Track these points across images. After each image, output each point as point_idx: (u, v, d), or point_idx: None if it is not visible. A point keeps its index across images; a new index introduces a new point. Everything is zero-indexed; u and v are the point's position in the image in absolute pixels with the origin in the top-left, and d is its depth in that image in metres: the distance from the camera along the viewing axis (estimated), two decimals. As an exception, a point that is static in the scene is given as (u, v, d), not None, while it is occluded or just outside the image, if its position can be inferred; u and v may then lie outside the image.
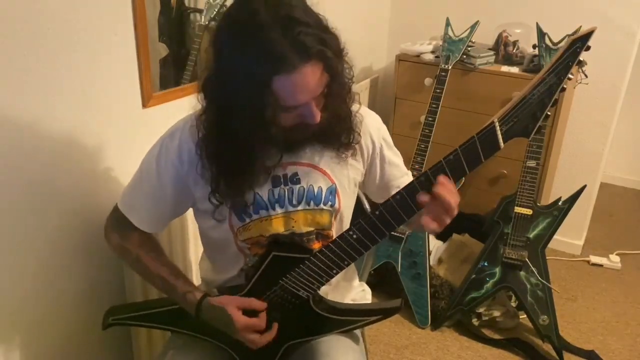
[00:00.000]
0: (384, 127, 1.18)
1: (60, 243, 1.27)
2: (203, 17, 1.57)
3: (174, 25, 1.50)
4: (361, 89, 2.57)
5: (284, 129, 0.94)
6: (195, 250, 1.53)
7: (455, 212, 0.93)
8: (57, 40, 1.14)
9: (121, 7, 1.28)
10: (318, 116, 0.93)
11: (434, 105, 2.13)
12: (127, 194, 1.12)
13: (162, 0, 1.41)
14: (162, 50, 1.46)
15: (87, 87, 1.24)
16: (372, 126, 1.14)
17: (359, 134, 1.07)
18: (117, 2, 1.27)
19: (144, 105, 1.41)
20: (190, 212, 1.18)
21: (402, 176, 1.20)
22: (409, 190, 0.93)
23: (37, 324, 1.26)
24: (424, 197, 0.90)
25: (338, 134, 1.03)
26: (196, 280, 1.33)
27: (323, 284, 1.06)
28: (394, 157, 1.19)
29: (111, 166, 1.35)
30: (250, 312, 1.03)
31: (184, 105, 1.25)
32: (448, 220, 0.94)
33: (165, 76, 1.48)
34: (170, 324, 1.17)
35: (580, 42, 0.83)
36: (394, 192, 1.18)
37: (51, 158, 1.20)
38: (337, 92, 0.96)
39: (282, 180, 1.05)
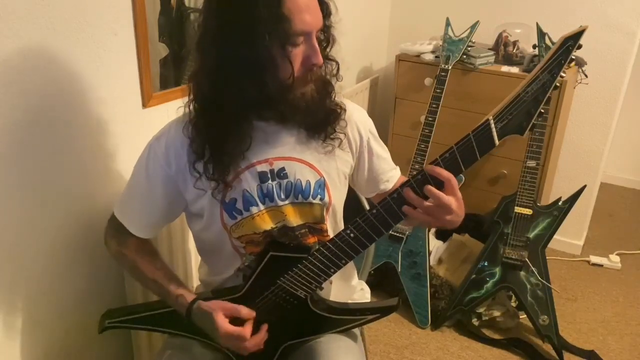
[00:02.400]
0: (370, 120, 1.19)
1: (60, 243, 1.27)
2: (203, 17, 1.57)
3: (174, 25, 1.50)
4: (361, 89, 2.57)
5: (290, 81, 0.94)
6: (196, 253, 1.53)
7: (456, 211, 0.94)
8: (57, 40, 1.15)
9: (121, 7, 1.28)
10: (320, 57, 0.95)
11: (434, 105, 2.13)
12: (122, 200, 1.13)
13: (162, 0, 1.41)
14: (162, 50, 1.46)
15: (87, 88, 1.24)
16: (358, 118, 1.14)
17: (344, 110, 1.08)
18: (117, 2, 1.27)
19: (144, 105, 1.41)
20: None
21: (390, 170, 1.22)
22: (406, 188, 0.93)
23: (37, 324, 1.26)
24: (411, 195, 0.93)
25: (323, 108, 1.03)
26: (196, 283, 1.33)
27: (321, 283, 1.06)
28: (382, 150, 1.20)
29: (111, 166, 1.36)
30: (239, 319, 1.03)
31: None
32: (446, 218, 0.95)
33: (165, 76, 1.48)
34: (166, 326, 1.16)
35: (572, 40, 0.85)
36: (382, 186, 1.20)
37: (51, 158, 1.20)
38: (326, 40, 1.00)
39: (269, 175, 1.05)
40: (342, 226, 1.19)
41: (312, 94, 0.98)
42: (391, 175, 1.22)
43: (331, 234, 1.12)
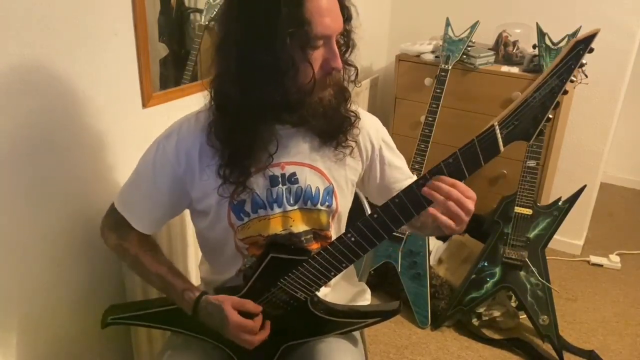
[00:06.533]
0: (384, 129, 1.18)
1: (60, 243, 1.27)
2: (203, 17, 1.57)
3: (174, 25, 1.50)
4: (361, 89, 2.57)
5: (310, 85, 0.94)
6: (195, 250, 1.53)
7: (470, 206, 0.92)
8: (57, 40, 1.14)
9: (121, 7, 1.28)
10: (340, 61, 0.95)
11: (434, 105, 2.13)
12: (124, 194, 1.12)
13: (162, 0, 1.41)
14: (162, 50, 1.46)
15: (87, 87, 1.24)
16: (371, 127, 1.14)
17: (358, 118, 1.07)
18: (117, 2, 1.27)
19: (144, 105, 1.41)
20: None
21: (405, 179, 1.19)
22: (408, 193, 0.93)
23: (36, 323, 1.26)
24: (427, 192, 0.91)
25: (339, 115, 1.02)
26: (195, 281, 1.33)
27: (321, 286, 1.06)
28: (396, 159, 1.18)
29: (111, 166, 1.35)
30: (246, 314, 1.03)
31: (184, 105, 1.25)
32: (465, 217, 0.93)
33: (165, 76, 1.48)
34: (168, 323, 1.17)
35: (583, 44, 0.82)
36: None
37: (51, 158, 1.20)
38: (346, 45, 1.00)
39: (280, 179, 1.05)
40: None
41: (330, 99, 0.98)
42: (405, 185, 1.17)
43: None
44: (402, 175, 1.19)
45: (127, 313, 1.18)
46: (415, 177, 1.20)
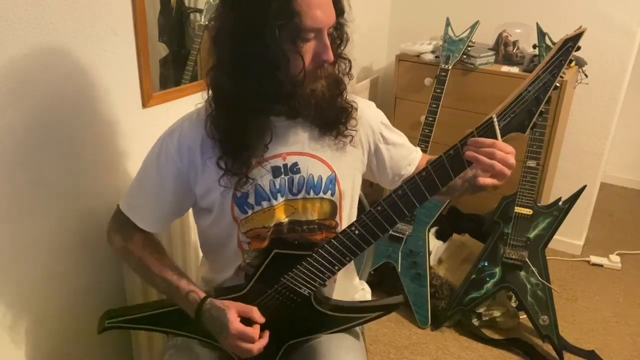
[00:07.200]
0: (380, 112, 1.20)
1: (59, 243, 1.27)
2: (203, 17, 1.57)
3: (174, 25, 1.50)
4: (361, 89, 2.57)
5: (301, 77, 0.95)
6: (195, 251, 1.53)
7: (513, 161, 0.93)
8: (57, 40, 1.14)
9: (121, 7, 1.28)
10: (331, 53, 0.95)
11: (434, 105, 2.13)
12: (129, 195, 1.13)
13: (162, 0, 1.41)
14: (162, 50, 1.46)
15: (87, 87, 1.24)
16: (368, 114, 1.15)
17: (356, 109, 1.08)
18: (117, 2, 1.27)
19: (144, 105, 1.41)
20: (191, 213, 1.18)
21: (410, 153, 1.22)
22: (411, 186, 0.94)
23: (36, 324, 1.26)
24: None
25: (334, 106, 1.03)
26: (196, 281, 1.33)
27: (325, 281, 1.06)
28: (397, 138, 1.20)
29: (111, 166, 1.35)
30: (247, 322, 1.03)
31: (184, 105, 1.25)
32: (509, 173, 0.93)
33: (165, 76, 1.48)
34: (166, 326, 1.16)
35: (571, 41, 0.87)
36: (404, 171, 1.20)
37: (50, 159, 1.20)
38: (340, 38, 1.02)
39: (282, 170, 1.06)
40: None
41: (323, 91, 0.98)
42: (412, 158, 1.22)
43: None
44: (407, 151, 1.22)
45: (124, 317, 1.17)
46: (419, 150, 1.24)
